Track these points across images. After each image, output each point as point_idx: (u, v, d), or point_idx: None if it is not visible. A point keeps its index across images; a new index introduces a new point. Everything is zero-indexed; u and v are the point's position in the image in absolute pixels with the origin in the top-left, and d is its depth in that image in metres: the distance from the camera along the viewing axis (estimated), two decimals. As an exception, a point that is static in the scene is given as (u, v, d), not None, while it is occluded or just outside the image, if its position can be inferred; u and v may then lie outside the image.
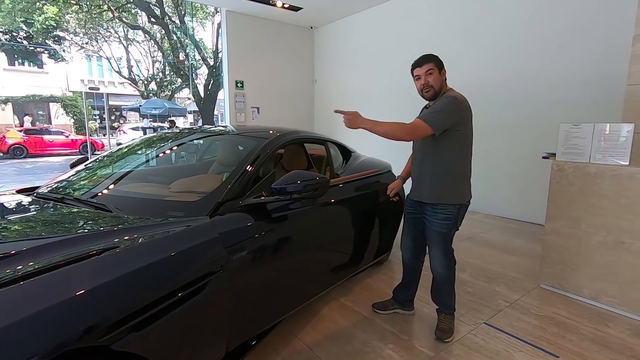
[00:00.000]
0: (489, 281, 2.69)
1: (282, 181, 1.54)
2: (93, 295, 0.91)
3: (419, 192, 1.97)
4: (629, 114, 3.00)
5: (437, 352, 1.87)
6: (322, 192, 1.58)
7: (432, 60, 1.87)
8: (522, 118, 4.36)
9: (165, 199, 1.61)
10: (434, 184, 1.89)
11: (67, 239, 1.12)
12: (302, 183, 1.54)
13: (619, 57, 3.50)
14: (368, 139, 7.20)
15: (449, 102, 1.79)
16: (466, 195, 1.92)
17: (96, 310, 0.90)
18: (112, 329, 0.90)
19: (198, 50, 15.32)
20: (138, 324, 0.96)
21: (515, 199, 4.42)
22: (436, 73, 1.85)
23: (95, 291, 0.92)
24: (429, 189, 1.90)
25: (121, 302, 0.94)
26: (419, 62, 1.90)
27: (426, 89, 1.87)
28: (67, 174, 2.06)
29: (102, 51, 20.54)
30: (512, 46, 4.46)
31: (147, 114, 14.75)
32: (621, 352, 1.87)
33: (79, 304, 0.89)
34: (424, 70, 1.85)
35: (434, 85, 1.84)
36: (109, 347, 0.89)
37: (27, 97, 19.27)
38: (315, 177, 1.59)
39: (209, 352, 1.27)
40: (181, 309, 1.09)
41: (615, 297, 2.26)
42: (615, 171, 2.21)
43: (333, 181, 2.24)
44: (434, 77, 1.84)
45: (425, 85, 1.86)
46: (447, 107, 1.78)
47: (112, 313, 0.91)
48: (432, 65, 1.84)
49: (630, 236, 2.18)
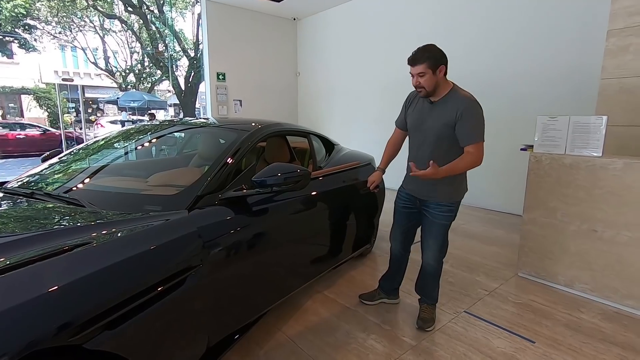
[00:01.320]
0: (469, 271, 2.75)
1: (263, 174, 1.51)
2: (64, 292, 0.87)
3: (428, 193, 1.93)
4: (603, 107, 3.09)
5: (419, 341, 1.90)
6: (302, 184, 1.57)
7: (425, 60, 1.76)
8: (500, 111, 4.43)
9: (142, 193, 1.56)
10: (445, 185, 1.88)
11: (36, 236, 1.07)
12: (283, 175, 1.51)
13: (594, 51, 3.60)
14: (350, 132, 7.16)
15: (480, 113, 1.80)
16: (465, 189, 1.99)
17: (67, 309, 0.86)
18: (84, 327, 0.86)
19: (178, 41, 14.92)
20: (112, 322, 0.92)
21: (495, 191, 4.53)
22: (429, 75, 1.76)
23: (65, 288, 0.88)
24: (442, 190, 1.89)
25: (94, 299, 0.91)
26: (412, 60, 1.80)
27: (418, 89, 1.85)
28: (38, 168, 1.97)
29: (76, 41, 19.72)
30: (489, 42, 4.52)
31: (125, 107, 14.29)
32: (593, 336, 1.95)
33: (49, 302, 0.85)
34: (416, 72, 1.80)
35: (425, 87, 1.80)
36: (81, 346, 0.86)
37: (-4, 88, 18.39)
38: (296, 170, 1.57)
39: (189, 348, 1.25)
40: (159, 305, 1.06)
41: (588, 283, 2.35)
42: (589, 162, 2.28)
43: (315, 173, 2.22)
44: (425, 80, 1.78)
45: (417, 86, 1.83)
46: (482, 118, 1.81)
47: (84, 311, 0.87)
48: (423, 68, 1.75)
49: (602, 225, 2.26)
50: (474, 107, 1.78)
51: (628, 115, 2.96)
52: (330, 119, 7.05)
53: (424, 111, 1.92)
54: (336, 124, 6.92)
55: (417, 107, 1.97)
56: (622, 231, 2.19)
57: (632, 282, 2.17)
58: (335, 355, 1.78)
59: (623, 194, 2.16)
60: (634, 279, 2.16)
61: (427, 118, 1.89)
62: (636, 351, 1.82)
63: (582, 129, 2.32)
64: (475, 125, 1.78)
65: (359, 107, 6.43)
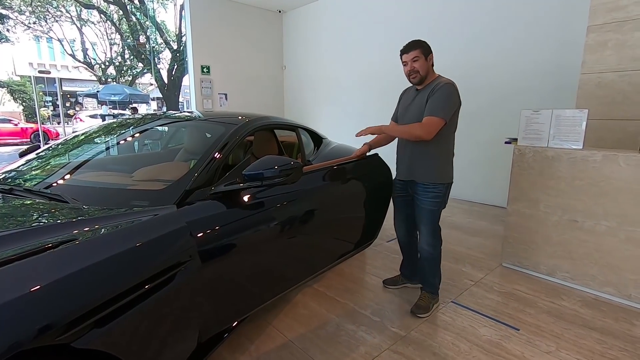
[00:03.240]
0: (455, 262, 2.81)
1: (254, 167, 1.49)
2: (49, 291, 0.84)
3: (410, 173, 2.07)
4: (583, 101, 3.18)
5: (408, 332, 1.93)
6: (295, 177, 1.55)
7: (418, 47, 1.94)
8: (483, 105, 4.52)
9: (128, 188, 1.52)
10: (427, 165, 2.00)
11: (17, 233, 1.03)
12: (275, 168, 1.50)
13: (574, 47, 3.69)
14: (336, 126, 7.15)
15: (451, 92, 1.89)
16: (451, 176, 2.07)
17: (53, 307, 0.83)
18: (71, 326, 0.84)
19: (160, 33, 14.54)
20: (101, 320, 0.90)
21: (479, 184, 4.62)
22: (422, 60, 1.94)
23: (51, 287, 0.85)
24: (423, 170, 2.01)
25: (80, 297, 0.88)
26: (406, 48, 1.98)
27: (412, 74, 1.98)
28: (16, 163, 1.90)
29: (52, 32, 18.99)
30: (473, 36, 4.58)
31: (105, 101, 13.86)
32: (574, 322, 2.02)
33: (33, 301, 0.82)
34: (410, 57, 1.95)
35: (419, 71, 1.95)
36: (70, 345, 0.84)
37: (-33, 81, 17.57)
38: (290, 162, 1.56)
39: (179, 344, 1.23)
40: (149, 301, 1.04)
41: (569, 272, 2.43)
42: (571, 155, 2.35)
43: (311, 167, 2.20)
44: (419, 64, 1.95)
45: (412, 71, 1.97)
46: (451, 97, 1.89)
47: (71, 309, 0.85)
48: (418, 53, 1.94)
49: (582, 215, 2.34)
50: (447, 87, 1.90)
51: (605, 109, 3.06)
52: (316, 113, 7.03)
53: (409, 99, 2.08)
54: (322, 117, 6.91)
55: (405, 98, 2.15)
56: (600, 221, 2.27)
57: (609, 269, 2.26)
58: (326, 348, 1.80)
59: (602, 185, 2.24)
60: (611, 266, 2.25)
61: (411, 105, 2.04)
62: (614, 335, 1.90)
63: (564, 122, 2.38)
64: (439, 100, 1.88)
65: (345, 101, 6.43)
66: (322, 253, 2.26)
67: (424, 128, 1.88)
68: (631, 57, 2.93)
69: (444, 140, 1.98)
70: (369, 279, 2.51)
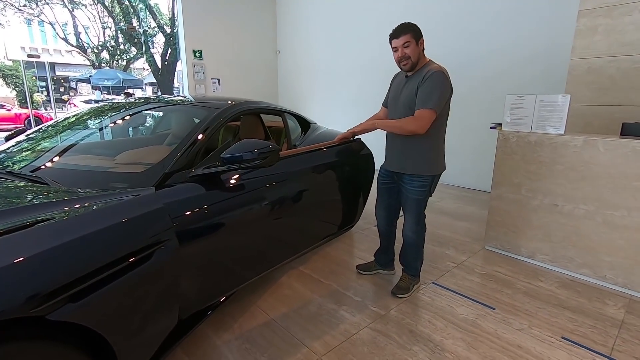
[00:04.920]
0: (439, 245, 2.87)
1: (232, 150, 1.52)
2: (23, 266, 0.88)
3: (401, 165, 2.02)
4: (572, 87, 3.20)
5: (387, 311, 2.00)
6: (271, 160, 1.58)
7: (408, 31, 1.84)
8: (473, 91, 4.51)
9: (109, 171, 1.55)
10: (418, 157, 1.96)
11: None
12: (254, 151, 1.52)
13: (565, 31, 3.67)
14: (331, 111, 7.10)
15: (442, 80, 1.81)
16: (441, 166, 2.03)
17: (27, 282, 0.87)
18: (46, 299, 0.88)
19: (153, 17, 14.27)
20: (75, 295, 0.94)
21: (468, 169, 4.66)
22: (413, 45, 1.84)
23: (25, 262, 0.89)
24: (413, 162, 1.97)
25: (54, 272, 0.92)
26: (395, 33, 1.87)
27: (403, 61, 1.88)
28: (1, 147, 1.92)
29: (43, 15, 18.60)
30: (461, 20, 4.54)
31: (99, 86, 13.70)
32: (548, 302, 2.09)
33: (8, 275, 0.86)
34: (401, 43, 1.85)
35: (411, 57, 1.86)
36: (44, 317, 0.88)
37: (-43, 66, 17.29)
38: (268, 145, 1.58)
39: (159, 320, 1.28)
40: (125, 278, 1.09)
41: (548, 254, 2.49)
42: (552, 140, 2.38)
43: (290, 151, 2.24)
44: (410, 49, 1.85)
45: (403, 57, 1.87)
46: (442, 86, 1.81)
47: (45, 283, 0.89)
48: (408, 37, 1.83)
49: (562, 199, 2.38)
50: (437, 75, 1.82)
51: (593, 94, 3.08)
52: (311, 98, 7.00)
53: (400, 85, 2.02)
54: (317, 103, 6.89)
55: (397, 84, 2.08)
56: (579, 205, 2.32)
57: (586, 252, 2.32)
58: (307, 326, 1.86)
59: (581, 169, 2.28)
60: (588, 249, 2.31)
61: (401, 91, 1.98)
62: (585, 314, 1.97)
63: (547, 108, 2.40)
64: (430, 91, 1.81)
65: (340, 86, 6.40)
66: (301, 235, 2.31)
67: (416, 122, 1.81)
68: (620, 42, 2.93)
69: (436, 131, 1.93)
70: (354, 262, 2.57)
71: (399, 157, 2.03)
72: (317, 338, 1.77)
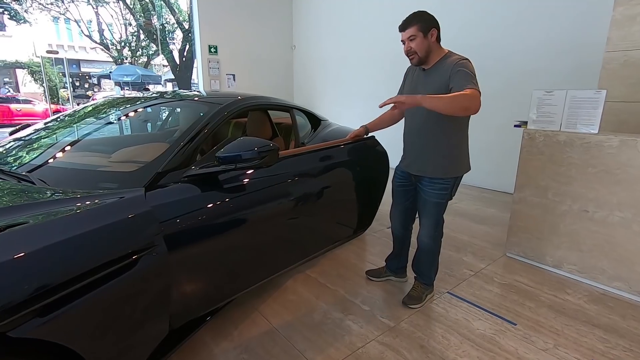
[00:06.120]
0: (456, 250, 2.70)
1: (228, 149, 1.41)
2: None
3: (419, 167, 1.87)
4: (606, 82, 2.94)
5: (397, 323, 1.86)
6: (270, 160, 1.46)
7: (415, 23, 1.70)
8: (498, 86, 4.27)
9: (100, 170, 1.48)
10: (441, 159, 1.80)
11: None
12: (254, 150, 1.40)
13: (598, 22, 3.39)
14: (346, 108, 6.92)
15: (472, 68, 1.63)
16: (466, 167, 1.87)
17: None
18: (7, 314, 0.79)
19: (172, 13, 14.40)
20: (43, 308, 0.85)
21: (491, 169, 4.42)
22: (419, 38, 1.70)
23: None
24: (435, 164, 1.81)
25: (17, 285, 0.83)
26: (402, 25, 1.75)
27: (410, 55, 1.76)
28: (1, 142, 1.88)
29: (69, 13, 19.13)
30: (488, 12, 4.29)
31: (119, 82, 13.95)
32: (576, 318, 1.90)
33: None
34: (407, 36, 1.73)
35: (417, 51, 1.72)
36: (6, 334, 0.80)
37: (-10, 62, 18.03)
38: (268, 144, 1.47)
39: (145, 332, 1.20)
40: (104, 288, 1.00)
41: (576, 264, 2.29)
42: (585, 139, 2.16)
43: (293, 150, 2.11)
44: (416, 43, 1.71)
45: (409, 51, 1.75)
46: (474, 73, 1.63)
47: (6, 297, 0.80)
48: (414, 31, 1.69)
49: (594, 205, 2.17)
50: (466, 63, 1.66)
51: (630, 90, 2.81)
52: (326, 94, 6.86)
53: (418, 81, 1.85)
54: (333, 99, 6.74)
55: (412, 78, 1.91)
56: (614, 211, 2.10)
57: (620, 263, 2.11)
58: (310, 336, 1.75)
59: (617, 172, 2.06)
60: (623, 260, 2.10)
61: (420, 87, 1.81)
62: (619, 333, 1.78)
63: (579, 104, 2.19)
64: (466, 75, 1.60)
65: (357, 82, 6.23)
66: (306, 240, 2.16)
67: (473, 100, 1.49)
68: (662, 32, 2.66)
69: (462, 128, 1.79)
70: (363, 266, 2.43)
71: (419, 158, 1.85)
72: (320, 350, 1.65)
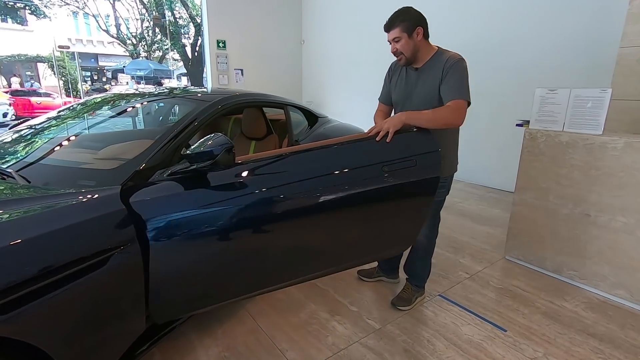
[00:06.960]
0: (454, 252, 2.64)
1: (196, 147, 1.35)
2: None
3: None
4: (620, 79, 2.81)
5: (383, 325, 1.83)
6: (224, 162, 1.37)
7: (398, 24, 1.65)
8: (507, 84, 4.14)
9: (81, 167, 1.48)
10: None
11: None
12: (215, 148, 1.31)
13: (613, 18, 3.24)
14: (356, 104, 6.84)
15: (464, 69, 1.62)
16: (455, 167, 1.85)
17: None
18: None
19: (185, 7, 14.49)
20: (4, 305, 0.87)
21: (497, 167, 4.30)
22: (404, 39, 1.65)
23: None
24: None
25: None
26: (386, 25, 1.70)
27: (397, 56, 1.72)
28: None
29: (87, 7, 19.51)
30: (498, 8, 4.14)
31: (133, 76, 14.17)
32: (571, 326, 1.83)
33: None
34: (391, 37, 1.69)
35: (404, 52, 1.68)
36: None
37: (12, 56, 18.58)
38: (225, 143, 1.33)
39: (118, 329, 1.21)
40: (72, 286, 1.01)
41: (577, 270, 2.20)
42: (588, 140, 2.07)
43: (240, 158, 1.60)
44: (402, 44, 1.67)
45: (395, 53, 1.71)
46: (466, 76, 1.62)
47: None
48: (398, 32, 1.65)
49: (596, 209, 2.08)
50: (459, 63, 1.62)
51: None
52: (335, 89, 6.80)
53: (410, 81, 1.77)
54: (342, 94, 6.68)
55: (402, 78, 1.82)
56: (617, 216, 2.01)
57: (623, 270, 2.02)
58: (294, 336, 1.74)
59: (621, 175, 1.96)
60: (625, 267, 2.01)
61: (414, 87, 1.75)
62: (614, 344, 1.70)
63: (584, 104, 2.09)
64: (457, 81, 1.60)
65: (363, 78, 6.15)
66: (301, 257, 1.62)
67: (455, 113, 1.56)
68: (681, 27, 2.52)
69: (454, 129, 1.77)
70: (358, 267, 2.40)
71: None
72: (301, 350, 1.64)
